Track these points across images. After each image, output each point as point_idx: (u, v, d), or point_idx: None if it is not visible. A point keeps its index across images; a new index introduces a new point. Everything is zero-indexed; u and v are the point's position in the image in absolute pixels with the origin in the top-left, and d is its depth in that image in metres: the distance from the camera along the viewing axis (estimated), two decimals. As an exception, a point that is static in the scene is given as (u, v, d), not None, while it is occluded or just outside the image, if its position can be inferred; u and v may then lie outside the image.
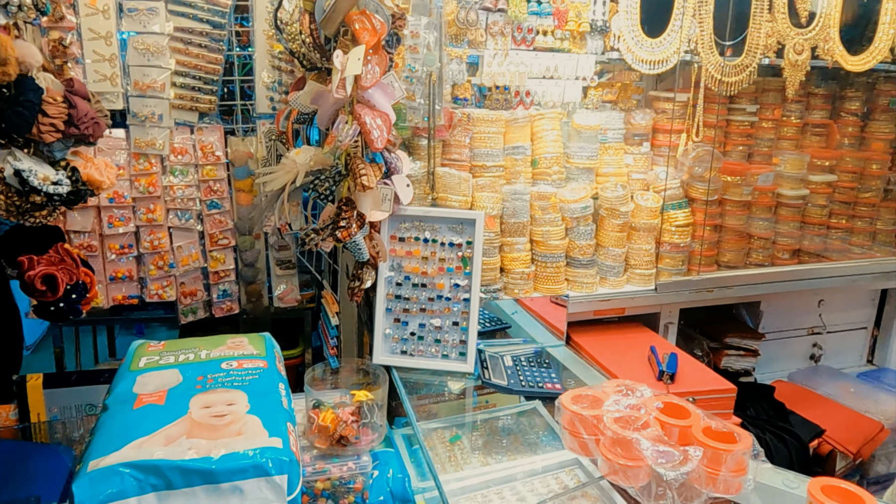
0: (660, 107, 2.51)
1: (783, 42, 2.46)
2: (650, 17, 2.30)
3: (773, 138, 2.70)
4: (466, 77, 2.29)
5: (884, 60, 2.60)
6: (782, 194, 2.64)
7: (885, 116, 2.80)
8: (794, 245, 2.69)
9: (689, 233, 2.42)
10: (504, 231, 2.26)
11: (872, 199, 2.80)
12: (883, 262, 2.76)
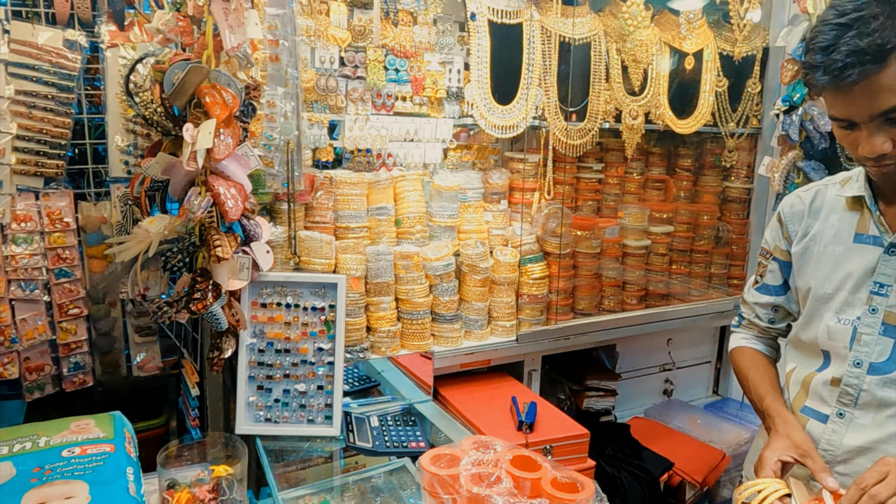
0: (515, 167, 2.68)
1: (620, 108, 2.72)
2: (500, 87, 2.47)
3: (618, 193, 2.95)
4: (328, 141, 2.34)
5: (707, 123, 2.93)
6: (627, 245, 2.88)
7: (712, 172, 3.14)
8: (641, 291, 2.93)
9: (546, 284, 2.58)
10: (369, 291, 2.30)
11: (706, 247, 3.12)
12: (718, 302, 3.06)
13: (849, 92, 1.17)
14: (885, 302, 1.33)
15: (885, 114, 1.17)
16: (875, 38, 1.13)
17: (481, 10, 2.40)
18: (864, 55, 1.13)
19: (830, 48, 1.17)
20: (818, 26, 1.21)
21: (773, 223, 1.59)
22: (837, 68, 1.15)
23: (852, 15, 1.16)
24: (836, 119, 1.25)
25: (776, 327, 1.63)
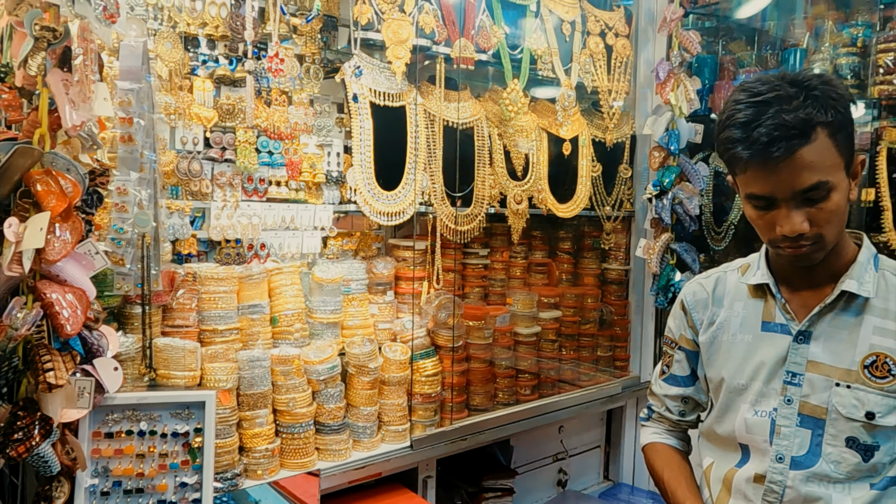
0: (400, 255, 2.51)
1: (505, 192, 2.67)
2: (385, 171, 2.32)
3: (504, 278, 2.86)
4: (191, 231, 2.05)
5: (586, 207, 2.96)
6: (519, 332, 2.78)
7: (591, 255, 3.16)
8: (534, 380, 2.82)
9: (439, 381, 2.38)
10: (242, 404, 1.97)
11: (592, 330, 3.09)
12: (607, 386, 3.02)
13: (773, 167, 1.13)
14: (798, 392, 1.28)
15: (806, 191, 1.14)
16: (799, 113, 1.11)
17: (363, 92, 2.27)
18: (791, 129, 1.11)
19: (752, 123, 1.13)
20: (732, 105, 1.18)
21: (676, 312, 1.53)
22: (762, 143, 1.12)
23: (769, 95, 1.14)
24: (754, 197, 1.20)
25: (687, 420, 1.55)
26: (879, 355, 1.24)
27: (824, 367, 1.27)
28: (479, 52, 2.53)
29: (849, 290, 1.27)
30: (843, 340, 1.26)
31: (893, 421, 1.23)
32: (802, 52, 2.88)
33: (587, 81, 2.91)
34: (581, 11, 2.90)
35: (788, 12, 3.17)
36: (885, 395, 1.23)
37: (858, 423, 1.24)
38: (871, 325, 1.26)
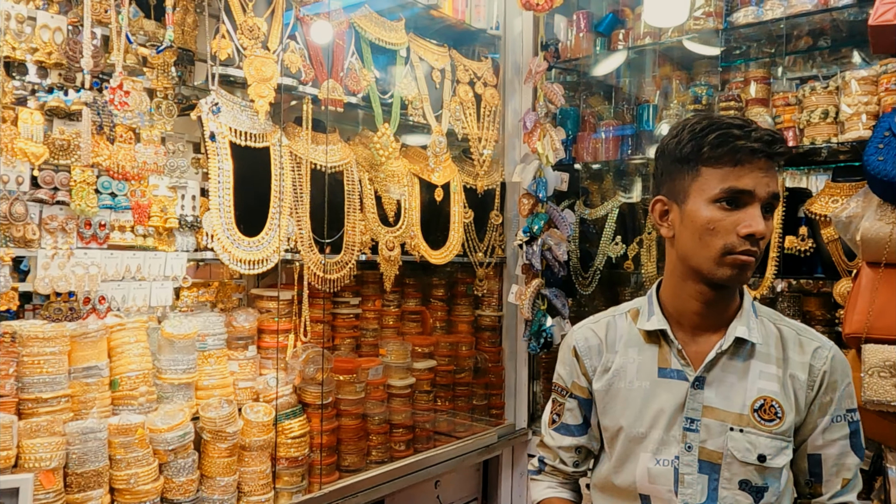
0: (264, 306, 2.32)
1: (377, 239, 2.57)
2: (247, 216, 2.15)
3: (377, 328, 2.74)
4: (10, 284, 1.76)
5: (458, 254, 2.93)
6: (392, 385, 2.66)
7: (464, 301, 3.12)
8: (409, 434, 2.70)
9: (307, 442, 2.20)
10: (71, 486, 1.69)
11: (467, 378, 3.03)
12: (483, 436, 2.95)
13: (764, 165, 1.22)
14: (697, 437, 1.29)
15: (773, 197, 1.24)
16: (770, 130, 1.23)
17: (222, 131, 2.10)
18: (779, 138, 1.23)
19: (745, 127, 1.23)
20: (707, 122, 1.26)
21: (567, 358, 1.49)
22: (766, 140, 1.21)
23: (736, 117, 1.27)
24: (733, 192, 1.23)
25: (581, 470, 1.52)
26: (766, 399, 1.29)
27: (719, 412, 1.29)
28: (349, 95, 2.46)
29: (741, 335, 1.30)
30: (734, 385, 1.30)
31: (781, 462, 1.28)
32: (654, 108, 3.07)
33: (458, 128, 2.92)
34: (451, 60, 2.93)
35: (640, 71, 3.39)
36: (773, 437, 1.28)
37: (752, 465, 1.27)
38: (758, 370, 1.31)
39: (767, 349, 1.33)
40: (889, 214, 1.95)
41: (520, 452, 3.17)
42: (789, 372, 1.31)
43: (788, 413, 1.29)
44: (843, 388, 1.32)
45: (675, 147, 1.29)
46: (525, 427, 3.17)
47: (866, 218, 1.99)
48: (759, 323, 1.34)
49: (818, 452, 1.32)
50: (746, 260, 1.24)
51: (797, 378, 1.31)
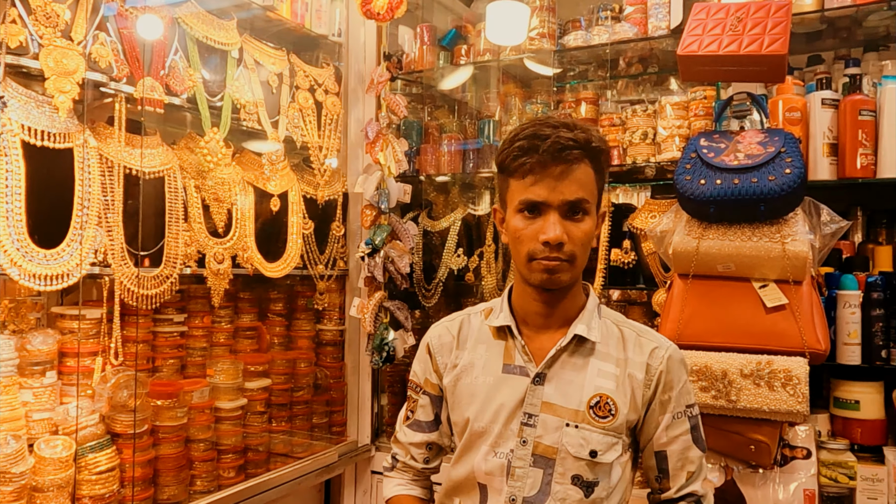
0: (66, 326, 2.07)
1: (203, 251, 2.40)
2: (43, 225, 1.91)
3: (206, 347, 2.55)
4: None
5: (297, 266, 2.80)
6: (221, 408, 2.48)
7: (305, 315, 3.00)
8: (240, 459, 2.53)
9: (117, 477, 1.98)
10: None
11: (306, 396, 2.91)
12: (323, 455, 2.84)
13: (554, 174, 1.28)
14: (533, 433, 1.34)
15: (572, 203, 1.29)
16: (578, 135, 1.29)
17: (12, 129, 1.85)
18: (575, 144, 1.28)
19: (540, 136, 1.29)
20: (517, 130, 1.34)
21: (421, 355, 1.55)
22: (550, 152, 1.27)
23: (550, 122, 1.32)
24: (528, 204, 1.31)
25: (431, 467, 1.57)
26: (602, 396, 1.36)
27: (557, 407, 1.36)
28: (171, 95, 2.27)
29: (580, 333, 1.38)
30: (573, 382, 1.37)
31: (611, 458, 1.35)
32: (495, 124, 3.15)
33: (296, 136, 2.80)
34: (289, 65, 2.81)
35: (484, 87, 3.47)
36: (604, 433, 1.35)
37: (584, 461, 1.33)
38: (597, 368, 1.38)
39: (607, 349, 1.40)
40: (696, 230, 2.10)
41: (363, 469, 3.09)
42: (628, 371, 1.39)
43: (622, 410, 1.36)
44: (679, 386, 1.41)
45: (497, 158, 1.39)
46: (369, 443, 3.10)
47: (677, 233, 2.14)
48: (603, 324, 1.43)
49: (663, 449, 1.41)
50: (549, 265, 1.31)
51: (635, 377, 1.39)
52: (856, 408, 2.21)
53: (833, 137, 2.21)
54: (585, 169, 1.31)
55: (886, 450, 2.18)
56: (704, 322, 2.07)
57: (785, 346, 1.96)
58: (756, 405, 1.95)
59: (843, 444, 2.18)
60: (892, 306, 2.13)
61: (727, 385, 1.99)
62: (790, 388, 1.92)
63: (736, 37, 2.06)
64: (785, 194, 1.93)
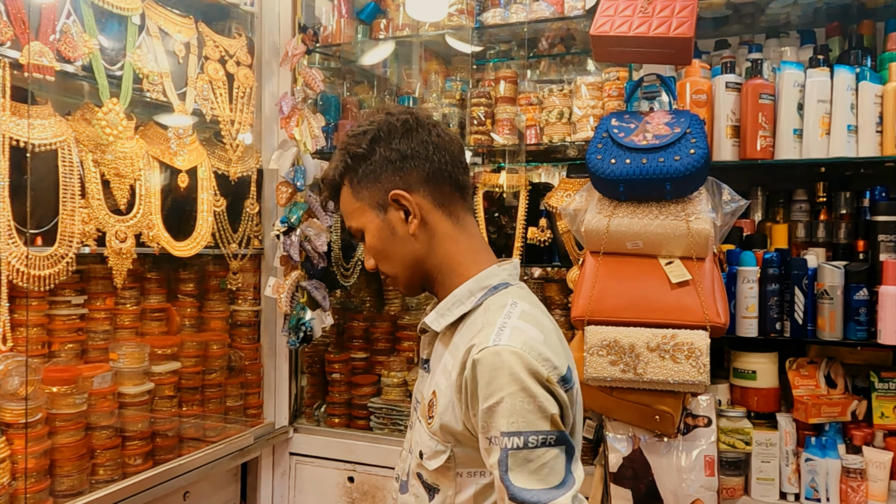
0: (-53, 310, 1.92)
1: (104, 229, 2.27)
2: (-86, 200, 1.75)
3: (109, 329, 2.43)
4: None
5: (208, 245, 2.70)
6: (125, 393, 2.37)
7: (218, 296, 2.90)
8: (147, 445, 2.43)
9: (7, 469, 1.86)
10: None
11: (219, 379, 2.82)
12: (238, 439, 2.77)
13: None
14: (416, 416, 1.32)
15: (354, 231, 1.29)
16: (333, 171, 1.29)
17: None
18: (330, 185, 1.31)
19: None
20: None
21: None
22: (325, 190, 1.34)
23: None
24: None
25: None
26: (433, 393, 1.21)
27: (421, 398, 1.31)
28: (64, 63, 2.12)
29: (426, 321, 1.25)
30: (433, 374, 1.28)
31: (434, 465, 1.17)
32: (415, 100, 3.11)
33: (206, 109, 2.68)
34: (197, 34, 2.68)
35: (405, 63, 3.42)
36: (430, 436, 1.19)
37: (418, 460, 1.21)
38: (444, 362, 1.22)
39: (461, 339, 1.19)
40: (607, 208, 2.14)
41: (281, 451, 3.04)
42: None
43: (439, 412, 1.17)
44: (487, 403, 1.07)
45: None
46: (286, 425, 3.04)
47: (589, 211, 2.18)
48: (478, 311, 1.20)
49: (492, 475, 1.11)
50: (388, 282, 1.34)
51: (452, 378, 1.17)
52: (753, 377, 2.33)
53: (736, 120, 2.30)
54: (344, 196, 1.28)
55: (779, 416, 2.32)
56: (614, 298, 2.12)
57: (688, 321, 2.04)
58: (661, 377, 2.02)
59: (741, 411, 2.31)
60: (785, 281, 2.24)
61: (635, 358, 2.05)
62: (692, 360, 2.00)
63: (646, 18, 2.10)
64: (689, 174, 1.99)
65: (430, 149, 1.22)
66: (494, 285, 1.22)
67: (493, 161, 3.03)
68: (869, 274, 2.17)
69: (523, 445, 1.04)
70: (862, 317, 2.15)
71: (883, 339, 2.09)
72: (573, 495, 1.04)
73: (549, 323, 1.20)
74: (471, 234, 1.29)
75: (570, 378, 1.14)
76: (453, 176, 1.25)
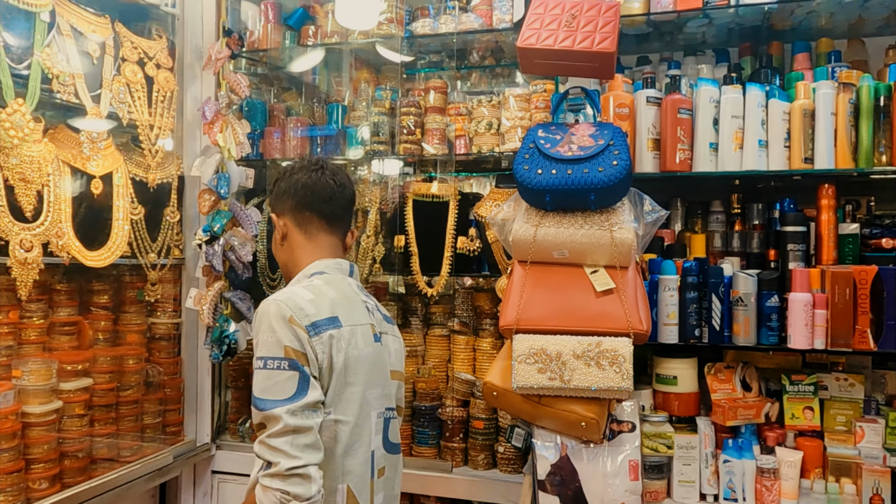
0: None
1: (7, 238, 2.13)
2: None
3: (12, 345, 2.27)
4: None
5: (124, 254, 2.57)
6: (29, 413, 2.22)
7: (135, 308, 2.77)
8: (55, 468, 2.28)
9: None
10: None
11: (135, 396, 2.68)
12: (154, 458, 2.64)
13: None
14: None
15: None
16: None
17: None
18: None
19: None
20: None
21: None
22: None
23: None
24: None
25: None
26: None
27: None
28: (-38, 59, 1.98)
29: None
30: None
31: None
32: (344, 109, 3.08)
33: (123, 113, 2.56)
34: (114, 34, 2.56)
35: (335, 71, 3.38)
36: None
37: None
38: None
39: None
40: (534, 218, 2.17)
41: (202, 470, 2.92)
42: None
43: None
44: (253, 338, 1.86)
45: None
46: (209, 442, 2.93)
47: (516, 221, 2.20)
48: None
49: None
50: None
51: None
52: (674, 383, 2.41)
53: (656, 133, 2.38)
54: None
55: (699, 420, 2.39)
56: (541, 307, 2.15)
57: (613, 328, 2.08)
58: (587, 384, 2.05)
59: (663, 416, 2.37)
60: (703, 289, 2.33)
61: (561, 366, 2.08)
62: (616, 366, 2.04)
63: (570, 33, 2.15)
64: (613, 185, 2.04)
65: (299, 187, 1.76)
66: (311, 273, 1.71)
67: (424, 170, 3.03)
68: (779, 281, 2.27)
69: (263, 367, 1.50)
70: (773, 322, 2.26)
71: (792, 344, 2.20)
72: (291, 409, 1.44)
73: (332, 293, 1.65)
74: (319, 246, 1.77)
75: (321, 325, 1.56)
76: (314, 206, 1.76)
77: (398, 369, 1.88)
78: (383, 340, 1.80)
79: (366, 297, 1.81)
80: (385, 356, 1.79)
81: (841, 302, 2.16)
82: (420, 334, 2.94)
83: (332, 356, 1.57)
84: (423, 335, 2.94)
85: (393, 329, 1.92)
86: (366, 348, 1.68)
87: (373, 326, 1.76)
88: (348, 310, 1.68)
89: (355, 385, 1.62)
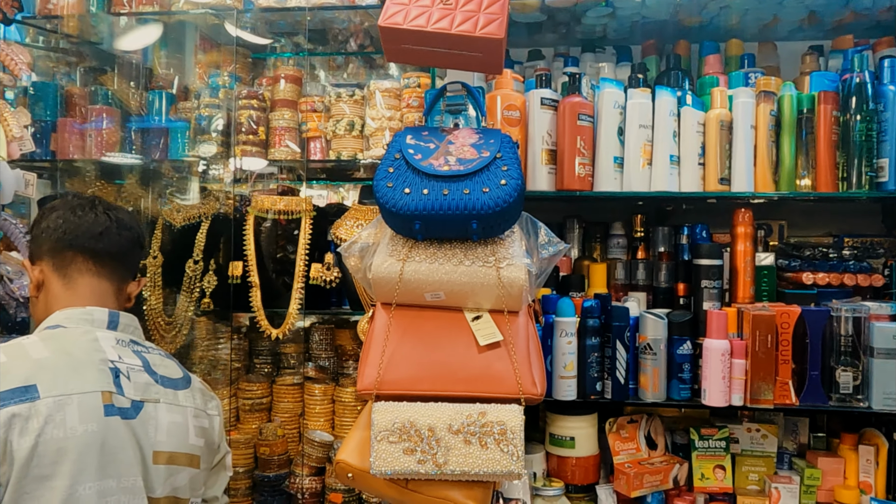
0: None
1: None
2: None
3: None
4: None
5: None
6: None
7: None
8: None
9: None
10: None
11: None
12: None
13: None
14: None
15: None
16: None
17: None
18: None
19: None
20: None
21: None
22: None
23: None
24: None
25: None
26: None
27: None
28: None
29: None
30: None
31: None
32: (170, 97, 2.43)
33: None
34: None
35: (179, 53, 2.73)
36: None
37: None
38: None
39: None
40: (400, 249, 1.67)
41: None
42: None
43: None
44: None
45: None
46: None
47: (378, 253, 1.69)
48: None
49: None
50: None
51: None
52: (571, 445, 2.00)
53: (552, 143, 1.96)
54: None
55: (599, 489, 2.01)
56: (410, 365, 1.65)
57: (500, 392, 1.62)
58: (467, 468, 1.58)
59: (558, 488, 1.96)
60: (606, 334, 1.93)
61: (435, 444, 1.59)
62: (504, 444, 1.58)
63: (448, 11, 1.66)
64: (500, 210, 1.58)
65: (59, 223, 1.41)
66: (45, 328, 1.36)
67: (273, 178, 2.46)
68: (692, 325, 1.92)
69: None
70: (686, 374, 1.90)
71: (708, 401, 1.84)
72: None
73: (43, 353, 1.27)
74: (77, 293, 1.40)
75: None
76: (77, 243, 1.40)
77: (177, 450, 1.33)
78: (144, 412, 1.30)
79: (121, 358, 1.33)
80: (137, 434, 1.28)
81: (762, 350, 1.83)
82: (266, 382, 2.36)
83: (7, 441, 1.17)
84: (269, 383, 2.37)
85: (175, 396, 1.37)
86: (82, 426, 1.24)
87: (108, 395, 1.24)
88: (63, 376, 1.26)
89: (54, 479, 1.20)
